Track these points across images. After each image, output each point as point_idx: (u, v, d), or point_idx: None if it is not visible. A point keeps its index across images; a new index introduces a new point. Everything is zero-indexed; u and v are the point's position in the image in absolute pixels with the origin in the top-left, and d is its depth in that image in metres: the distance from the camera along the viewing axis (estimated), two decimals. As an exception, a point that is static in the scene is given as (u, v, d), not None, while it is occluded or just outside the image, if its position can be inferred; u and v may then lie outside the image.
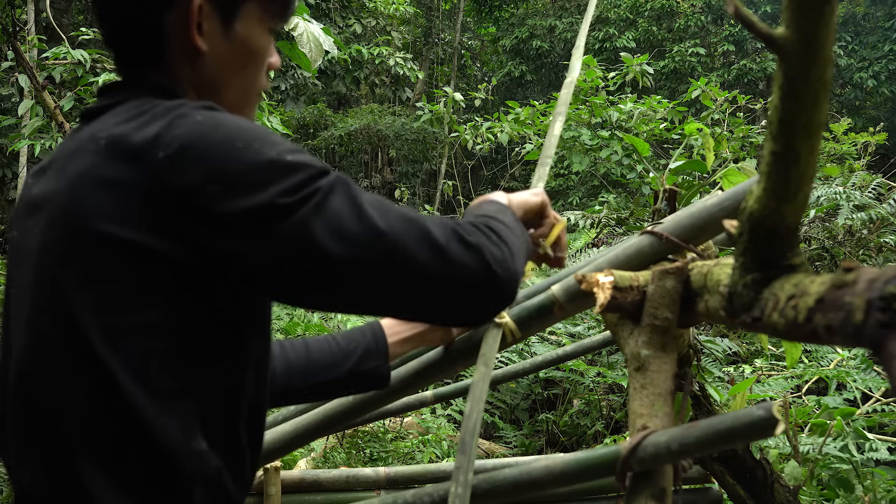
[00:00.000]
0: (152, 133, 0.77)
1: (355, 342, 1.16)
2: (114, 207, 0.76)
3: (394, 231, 0.79)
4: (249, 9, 0.91)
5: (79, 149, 0.81)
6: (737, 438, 0.88)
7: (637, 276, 1.08)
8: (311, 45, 2.90)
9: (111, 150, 0.78)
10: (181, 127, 0.76)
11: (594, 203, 7.84)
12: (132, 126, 0.79)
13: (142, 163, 0.76)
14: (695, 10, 13.72)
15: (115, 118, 0.82)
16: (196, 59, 0.90)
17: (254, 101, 0.97)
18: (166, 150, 0.75)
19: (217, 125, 0.77)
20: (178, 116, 0.78)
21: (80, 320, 0.77)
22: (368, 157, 12.96)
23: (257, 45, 0.93)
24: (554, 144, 1.37)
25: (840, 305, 0.62)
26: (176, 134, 0.76)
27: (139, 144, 0.76)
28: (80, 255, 0.77)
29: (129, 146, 0.77)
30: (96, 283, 0.77)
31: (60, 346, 0.78)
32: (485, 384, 1.11)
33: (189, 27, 0.87)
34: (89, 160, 0.79)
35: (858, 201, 4.74)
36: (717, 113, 5.65)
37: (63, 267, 0.78)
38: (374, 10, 11.71)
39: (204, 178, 0.75)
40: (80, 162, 0.80)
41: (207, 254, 0.77)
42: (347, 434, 3.55)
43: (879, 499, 2.18)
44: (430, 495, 1.13)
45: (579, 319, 4.25)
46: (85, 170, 0.79)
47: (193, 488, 0.79)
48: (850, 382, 2.84)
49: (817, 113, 0.66)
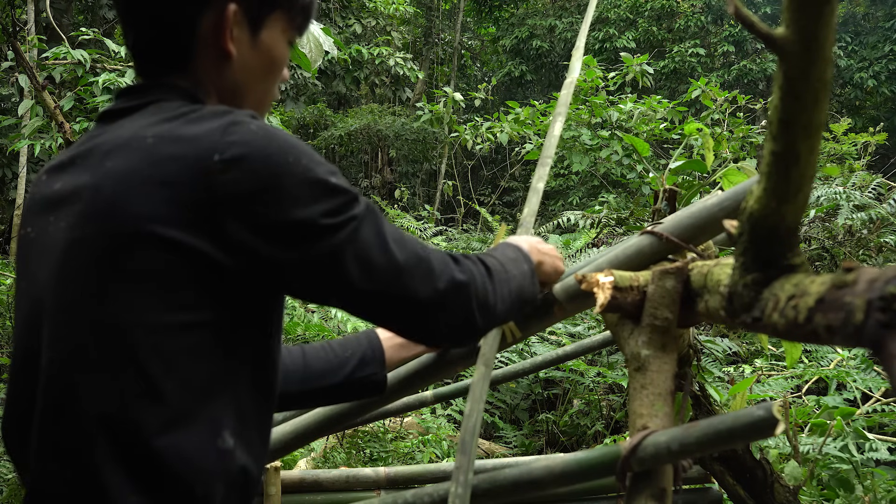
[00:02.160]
0: (205, 135, 0.78)
1: (352, 349, 1.18)
2: (162, 207, 0.77)
3: (408, 267, 0.87)
4: (275, 19, 0.93)
5: (119, 146, 0.81)
6: (737, 438, 0.88)
7: (637, 276, 1.08)
8: (311, 46, 2.90)
9: (160, 149, 0.78)
10: (236, 134, 0.78)
11: (594, 203, 7.84)
12: (179, 126, 0.80)
13: (194, 164, 0.77)
14: (695, 10, 13.72)
15: (151, 118, 0.83)
16: (223, 64, 0.91)
17: (267, 109, 1.00)
18: (222, 155, 0.77)
19: (271, 137, 0.80)
20: (233, 123, 0.79)
21: (118, 318, 0.77)
22: (368, 157, 12.96)
23: (279, 55, 0.95)
24: (554, 145, 1.37)
25: (840, 305, 0.62)
26: (232, 140, 0.78)
27: (192, 146, 0.78)
28: (121, 253, 0.77)
29: (180, 147, 0.78)
30: (137, 281, 0.77)
31: (94, 344, 0.78)
32: (485, 384, 1.11)
33: (223, 31, 0.88)
34: (136, 158, 0.79)
35: (858, 201, 4.74)
36: (717, 113, 5.65)
37: (100, 264, 0.78)
38: (374, 10, 11.70)
39: (257, 187, 0.77)
40: (123, 159, 0.80)
41: (248, 257, 0.80)
42: (347, 434, 3.55)
43: (879, 499, 2.18)
44: (430, 495, 1.13)
45: (579, 319, 4.25)
46: (131, 167, 0.78)
47: (214, 488, 0.80)
48: (850, 382, 2.84)
49: (817, 113, 0.66)
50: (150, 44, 0.90)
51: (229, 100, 0.92)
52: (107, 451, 0.77)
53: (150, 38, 0.90)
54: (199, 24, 0.88)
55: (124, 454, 0.77)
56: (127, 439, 0.77)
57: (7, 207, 9.49)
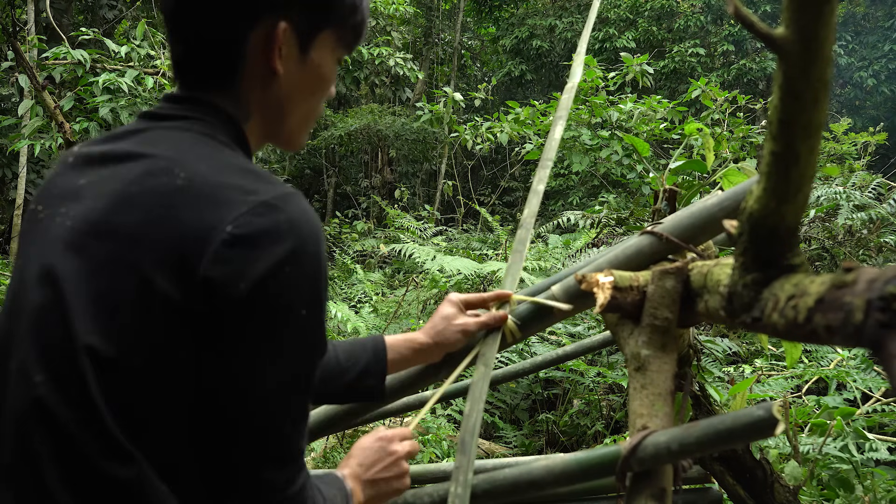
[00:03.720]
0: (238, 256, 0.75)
1: (355, 358, 1.18)
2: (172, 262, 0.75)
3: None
4: (325, 37, 0.92)
5: (152, 172, 0.80)
6: (737, 438, 0.88)
7: (637, 276, 1.08)
8: (311, 45, 2.90)
9: (190, 211, 0.76)
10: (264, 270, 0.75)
11: (594, 203, 7.83)
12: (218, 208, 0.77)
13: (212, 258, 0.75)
14: (695, 10, 13.71)
15: (183, 147, 0.82)
16: (270, 82, 0.90)
17: (311, 126, 0.99)
18: (246, 282, 0.74)
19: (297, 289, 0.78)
20: (270, 244, 0.76)
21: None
22: (368, 157, 12.96)
23: (327, 73, 0.94)
24: (555, 148, 1.38)
25: (840, 305, 0.62)
26: (256, 274, 0.75)
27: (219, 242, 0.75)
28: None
29: (216, 236, 0.75)
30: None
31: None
32: (485, 384, 1.11)
33: (272, 49, 0.87)
34: (160, 201, 0.78)
35: (858, 201, 4.74)
36: (717, 113, 5.65)
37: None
38: (374, 10, 11.70)
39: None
40: (150, 194, 0.78)
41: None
42: (347, 434, 3.55)
43: (879, 499, 2.18)
44: (430, 495, 1.13)
45: (579, 319, 4.25)
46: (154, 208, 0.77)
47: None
48: (850, 382, 2.84)
49: (817, 113, 0.66)
50: (196, 58, 0.88)
51: (273, 116, 0.92)
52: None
53: (196, 52, 0.88)
54: (248, 41, 0.87)
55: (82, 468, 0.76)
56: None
57: (7, 207, 9.49)
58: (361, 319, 5.49)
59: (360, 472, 1.01)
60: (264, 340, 0.77)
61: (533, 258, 6.29)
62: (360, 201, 12.19)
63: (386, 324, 4.96)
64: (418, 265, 6.10)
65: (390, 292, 7.17)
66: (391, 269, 8.45)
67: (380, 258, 8.73)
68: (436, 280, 5.68)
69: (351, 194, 12.66)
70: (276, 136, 0.96)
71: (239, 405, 0.77)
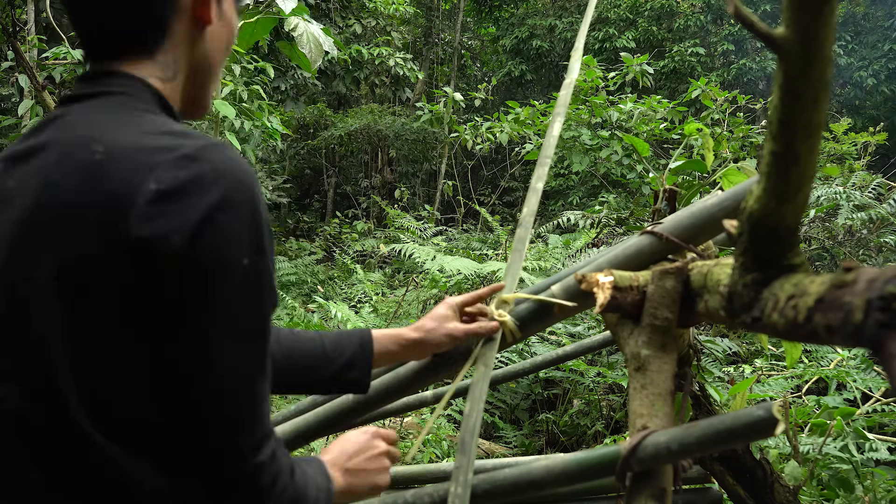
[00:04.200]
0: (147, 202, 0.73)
1: (341, 349, 1.16)
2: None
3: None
4: None
5: (68, 153, 0.77)
6: (737, 438, 0.88)
7: (637, 276, 1.08)
8: (310, 46, 2.90)
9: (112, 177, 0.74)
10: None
11: (594, 203, 7.83)
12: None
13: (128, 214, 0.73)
14: (695, 9, 13.71)
15: (99, 121, 0.79)
16: (199, 38, 0.89)
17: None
18: (179, 235, 0.72)
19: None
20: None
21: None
22: (368, 157, 12.96)
23: (235, 26, 0.96)
24: (553, 145, 1.37)
25: (840, 305, 0.62)
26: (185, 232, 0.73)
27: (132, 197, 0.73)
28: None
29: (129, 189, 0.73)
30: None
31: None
32: (484, 384, 1.11)
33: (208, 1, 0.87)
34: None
35: (858, 201, 4.74)
36: (717, 113, 5.65)
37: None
38: (374, 10, 11.70)
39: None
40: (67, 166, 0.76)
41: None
42: (347, 434, 3.54)
43: (879, 499, 2.18)
44: (430, 495, 1.13)
45: (579, 319, 4.25)
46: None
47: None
48: (850, 382, 2.84)
49: (817, 113, 0.66)
50: (115, 25, 0.84)
51: (200, 75, 0.91)
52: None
53: (118, 18, 0.84)
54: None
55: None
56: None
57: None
58: (361, 319, 5.49)
59: (341, 460, 1.01)
60: (209, 298, 0.74)
61: (533, 258, 6.29)
62: (360, 201, 12.19)
63: (386, 324, 4.96)
64: (418, 265, 6.10)
65: (390, 292, 7.17)
66: (391, 269, 8.46)
67: (380, 258, 8.73)
68: (436, 280, 5.68)
69: (351, 194, 12.66)
70: (200, 100, 0.94)
71: (197, 371, 0.75)
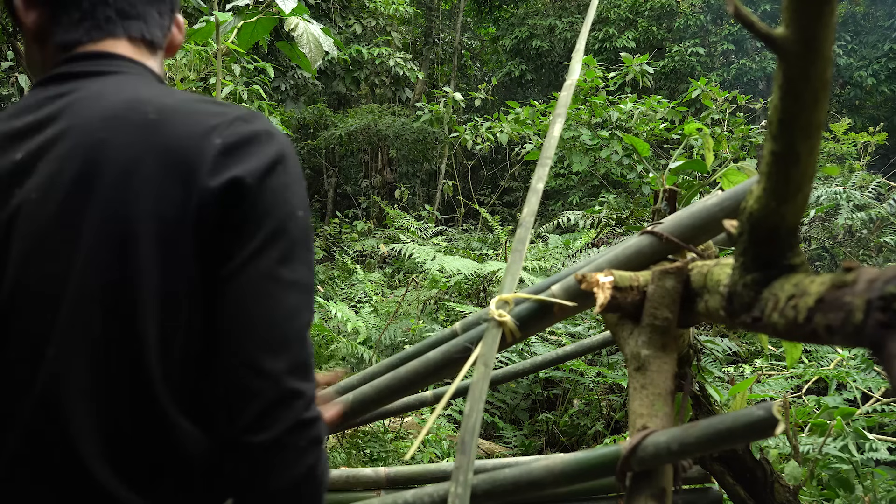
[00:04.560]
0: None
1: None
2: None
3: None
4: None
5: (117, 115, 0.80)
6: (737, 438, 0.88)
7: (637, 276, 1.08)
8: (310, 46, 2.89)
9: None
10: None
11: (594, 203, 7.83)
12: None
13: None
14: (694, 9, 13.71)
15: (137, 88, 0.85)
16: (172, 50, 1.00)
17: None
18: (251, 178, 0.79)
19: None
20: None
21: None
22: (368, 157, 12.95)
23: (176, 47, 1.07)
24: (553, 146, 1.37)
25: (840, 305, 0.62)
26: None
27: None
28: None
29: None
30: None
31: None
32: (485, 384, 1.11)
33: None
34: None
35: (858, 201, 4.75)
36: (716, 113, 5.65)
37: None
38: (374, 10, 11.70)
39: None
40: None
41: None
42: (347, 434, 3.55)
43: (879, 499, 2.18)
44: (430, 495, 1.13)
45: (579, 319, 4.24)
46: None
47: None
48: (850, 382, 2.84)
49: (817, 113, 0.66)
50: (160, 14, 0.95)
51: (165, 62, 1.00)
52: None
53: (160, 8, 0.95)
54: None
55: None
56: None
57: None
58: (361, 319, 5.49)
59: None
60: (277, 240, 0.78)
61: (533, 258, 6.28)
62: (360, 201, 12.19)
63: (386, 324, 4.96)
64: (418, 265, 6.10)
65: (390, 292, 7.17)
66: (391, 269, 8.45)
67: (380, 258, 8.73)
68: (436, 280, 5.68)
69: (351, 194, 12.66)
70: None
71: (263, 311, 0.76)
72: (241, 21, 2.91)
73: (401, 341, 5.02)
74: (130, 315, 0.75)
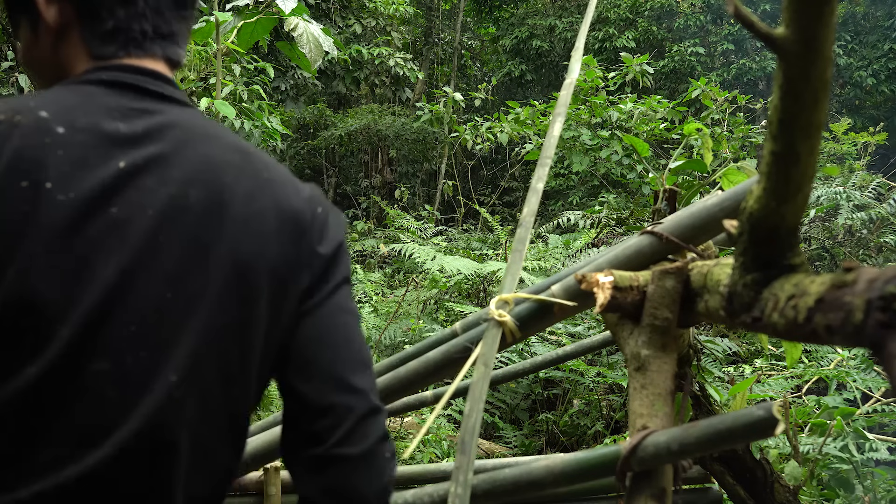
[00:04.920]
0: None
1: None
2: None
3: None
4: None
5: (233, 164, 0.83)
6: (737, 438, 0.88)
7: (637, 276, 1.08)
8: (310, 46, 2.89)
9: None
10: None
11: (594, 203, 7.83)
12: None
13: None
14: (694, 9, 13.71)
15: (230, 136, 0.87)
16: None
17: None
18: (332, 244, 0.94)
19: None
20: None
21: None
22: (368, 157, 12.95)
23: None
24: (553, 145, 1.37)
25: (840, 305, 0.62)
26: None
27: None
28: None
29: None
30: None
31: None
32: (485, 384, 1.11)
33: None
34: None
35: (858, 201, 4.75)
36: (716, 113, 5.65)
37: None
38: (374, 10, 11.69)
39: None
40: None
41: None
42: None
43: (879, 499, 2.18)
44: (430, 495, 1.13)
45: (579, 319, 4.24)
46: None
47: None
48: (850, 382, 2.84)
49: (817, 113, 0.66)
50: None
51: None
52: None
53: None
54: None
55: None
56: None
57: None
58: (361, 319, 5.48)
59: None
60: (347, 280, 0.89)
61: (533, 258, 6.29)
62: (360, 201, 12.18)
63: (386, 324, 4.96)
64: (418, 265, 6.10)
65: (390, 292, 7.17)
66: (391, 269, 8.45)
67: (380, 258, 8.73)
68: (436, 280, 5.68)
69: (351, 194, 12.66)
70: None
71: (345, 338, 0.85)
72: (241, 21, 2.91)
73: (401, 341, 5.02)
74: (243, 359, 0.80)
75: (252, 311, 0.79)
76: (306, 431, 0.82)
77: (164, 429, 0.74)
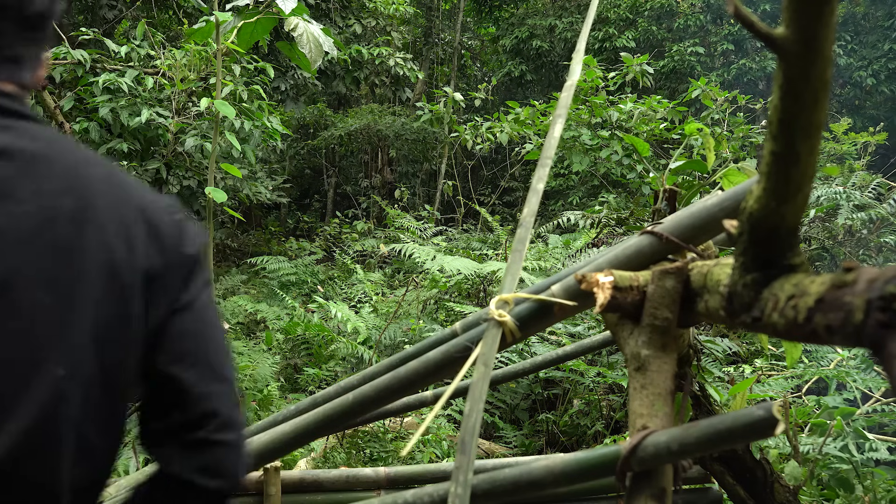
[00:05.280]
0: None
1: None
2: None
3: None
4: None
5: (84, 162, 0.88)
6: (737, 438, 0.88)
7: (637, 276, 1.08)
8: (310, 46, 2.89)
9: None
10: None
11: (594, 203, 7.83)
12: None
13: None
14: (694, 9, 13.71)
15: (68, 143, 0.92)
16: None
17: None
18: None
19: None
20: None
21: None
22: (368, 157, 12.95)
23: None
24: (554, 146, 1.37)
25: (840, 305, 0.62)
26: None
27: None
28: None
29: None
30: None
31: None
32: (485, 384, 1.11)
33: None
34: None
35: (858, 201, 4.75)
36: (717, 113, 5.65)
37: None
38: (374, 10, 11.69)
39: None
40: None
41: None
42: (347, 434, 3.55)
43: (879, 499, 2.18)
44: (430, 495, 1.13)
45: (579, 319, 4.25)
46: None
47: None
48: (850, 382, 2.84)
49: (817, 113, 0.66)
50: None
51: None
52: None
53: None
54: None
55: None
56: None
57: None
58: (361, 319, 5.49)
59: None
60: (208, 286, 0.95)
61: (533, 258, 6.29)
62: (360, 201, 12.18)
63: (386, 324, 4.96)
64: (418, 265, 6.10)
65: (390, 292, 7.17)
66: (391, 269, 8.45)
67: (380, 258, 8.73)
68: (436, 280, 5.68)
69: (351, 194, 12.66)
70: None
71: (214, 334, 0.93)
72: (241, 21, 2.91)
73: (401, 341, 5.02)
74: (124, 353, 0.85)
75: (128, 308, 0.85)
76: (184, 416, 0.89)
77: (52, 422, 0.78)
